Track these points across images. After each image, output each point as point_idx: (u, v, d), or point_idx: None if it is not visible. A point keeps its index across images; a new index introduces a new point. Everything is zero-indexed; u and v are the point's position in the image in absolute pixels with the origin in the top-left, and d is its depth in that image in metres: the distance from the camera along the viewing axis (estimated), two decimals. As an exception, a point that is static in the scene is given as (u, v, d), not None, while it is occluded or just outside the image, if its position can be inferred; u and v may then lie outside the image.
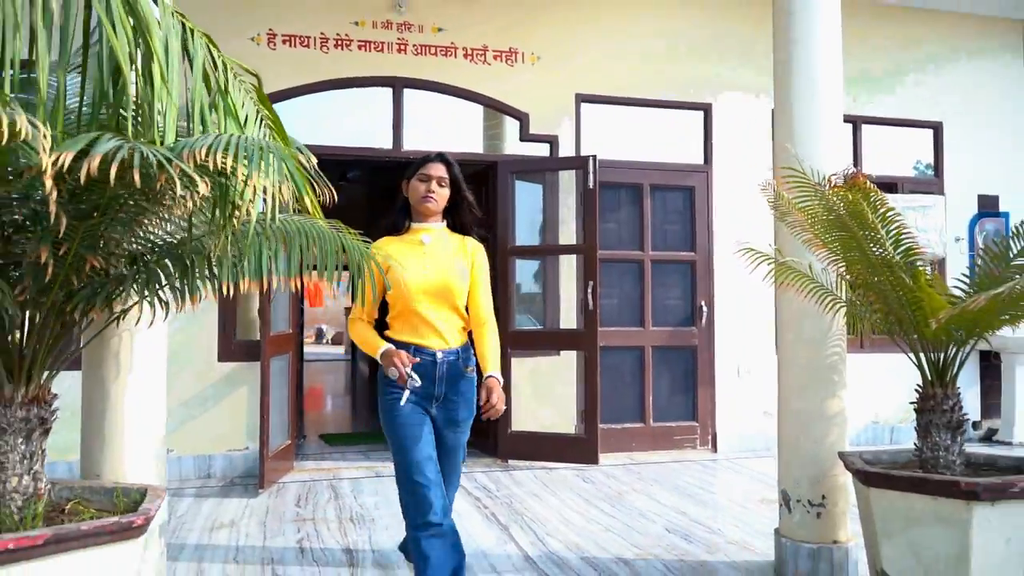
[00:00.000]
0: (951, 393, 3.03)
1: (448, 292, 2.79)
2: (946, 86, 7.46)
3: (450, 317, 2.81)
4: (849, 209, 2.83)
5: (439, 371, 2.76)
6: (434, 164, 2.88)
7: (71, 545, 2.15)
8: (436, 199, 2.86)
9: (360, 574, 3.62)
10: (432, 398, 2.77)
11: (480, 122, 6.50)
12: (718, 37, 6.82)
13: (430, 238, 2.87)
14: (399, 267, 2.72)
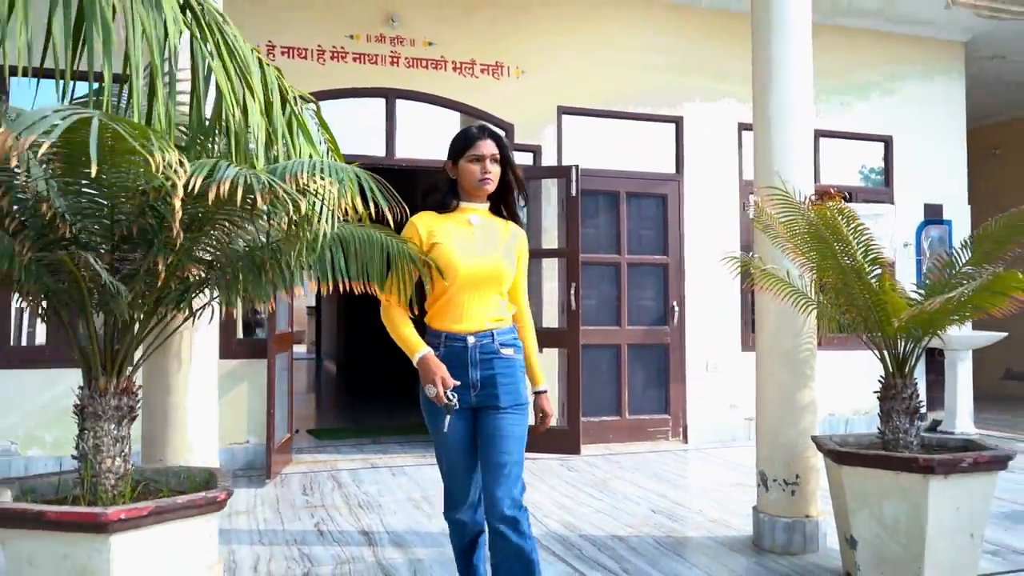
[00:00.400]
0: (909, 383, 3.50)
1: (499, 277, 2.61)
2: (896, 103, 8.05)
3: (494, 303, 2.63)
4: (826, 223, 3.27)
5: (471, 356, 2.57)
6: (484, 142, 2.62)
7: (168, 516, 2.46)
8: (493, 179, 2.63)
9: (380, 552, 3.96)
10: (469, 386, 2.56)
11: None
12: (688, 55, 7.28)
13: (479, 219, 2.66)
14: (446, 245, 2.57)
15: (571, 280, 6.35)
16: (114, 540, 2.34)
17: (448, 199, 2.68)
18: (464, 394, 2.54)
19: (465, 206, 2.69)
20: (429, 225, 2.64)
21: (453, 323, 2.60)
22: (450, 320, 2.60)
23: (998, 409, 9.36)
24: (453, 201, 2.68)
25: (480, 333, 2.59)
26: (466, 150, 2.63)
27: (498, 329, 2.62)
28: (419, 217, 2.67)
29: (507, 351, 2.62)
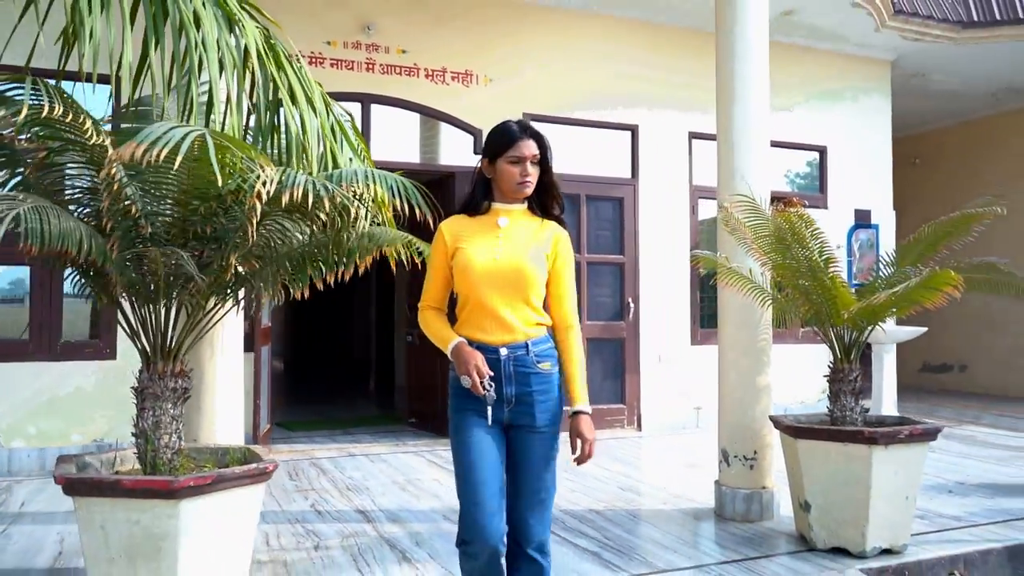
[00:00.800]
0: (855, 368, 4.01)
1: (520, 281, 2.40)
2: (831, 116, 8.71)
3: (522, 311, 2.42)
4: (790, 227, 3.75)
5: (505, 370, 2.38)
6: (525, 142, 2.44)
7: (228, 484, 2.77)
8: (532, 182, 2.46)
9: (380, 527, 4.28)
10: (503, 403, 2.39)
11: (440, 136, 7.19)
12: (644, 67, 7.76)
13: (507, 220, 2.48)
14: (467, 249, 2.43)
15: (537, 278, 6.75)
16: (182, 505, 2.64)
17: (479, 200, 2.51)
18: (497, 409, 2.37)
19: (497, 207, 2.51)
20: (456, 230, 2.50)
21: (482, 333, 2.41)
22: (478, 329, 2.42)
23: (916, 399, 10.18)
24: (485, 202, 2.51)
25: (513, 344, 2.39)
26: (506, 150, 2.44)
27: (534, 339, 2.42)
28: (447, 223, 2.53)
29: (544, 365, 2.43)
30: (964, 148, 11.74)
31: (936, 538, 4.11)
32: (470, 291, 2.43)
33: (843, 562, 3.71)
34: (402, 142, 6.92)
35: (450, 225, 2.53)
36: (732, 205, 4.15)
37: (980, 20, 8.46)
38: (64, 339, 5.85)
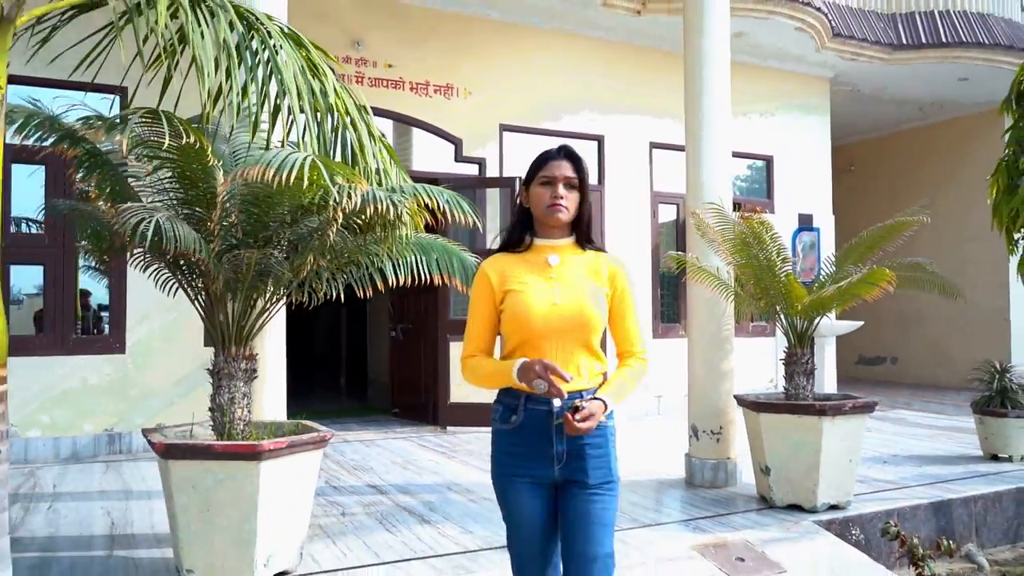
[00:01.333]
0: (806, 352, 4.69)
1: (583, 326, 2.18)
2: (777, 129, 9.50)
3: (579, 357, 2.21)
4: (752, 232, 4.40)
5: (556, 426, 2.16)
6: (557, 162, 2.24)
7: (297, 449, 3.28)
8: (566, 207, 2.22)
9: (393, 498, 4.80)
10: (551, 459, 2.17)
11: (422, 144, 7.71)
12: (609, 82, 8.41)
13: (558, 258, 2.24)
14: (521, 292, 2.19)
15: (515, 276, 7.32)
16: (263, 466, 3.15)
17: (519, 234, 2.29)
18: (545, 468, 2.17)
19: (541, 243, 2.27)
20: (502, 270, 2.24)
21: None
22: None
23: (853, 388, 11.05)
24: (526, 237, 2.28)
25: (568, 396, 2.12)
26: (537, 171, 2.25)
27: (589, 390, 2.19)
28: (489, 263, 2.28)
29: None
30: (896, 156, 12.72)
31: (874, 497, 4.82)
32: (523, 339, 2.18)
33: (798, 516, 4.38)
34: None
35: (493, 265, 2.26)
36: (703, 212, 4.80)
37: (908, 43, 9.35)
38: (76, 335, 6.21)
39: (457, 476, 5.41)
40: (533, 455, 2.18)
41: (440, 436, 7.06)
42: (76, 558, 3.63)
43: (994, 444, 5.94)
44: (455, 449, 6.41)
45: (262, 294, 3.30)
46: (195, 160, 2.86)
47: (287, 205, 2.99)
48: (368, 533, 4.05)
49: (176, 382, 6.43)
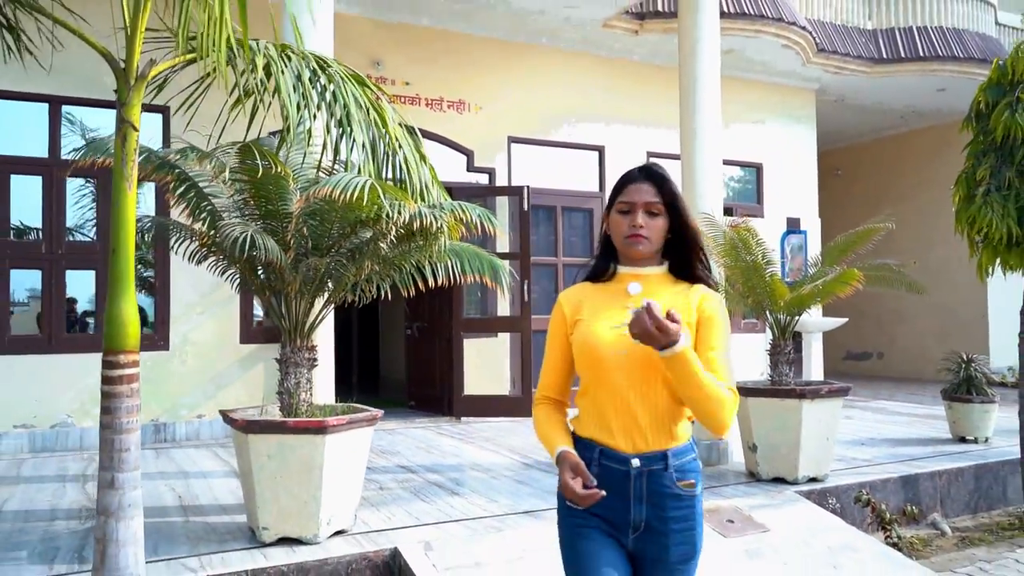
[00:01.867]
0: (788, 343, 5.30)
1: (656, 360, 1.84)
2: (766, 138, 10.12)
3: (660, 400, 1.90)
4: (740, 238, 5.01)
5: (635, 488, 1.88)
6: (637, 186, 1.98)
7: (354, 425, 3.86)
8: (648, 237, 1.96)
9: (422, 475, 5.39)
10: (628, 527, 1.90)
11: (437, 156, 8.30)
12: (609, 96, 9.02)
13: (639, 286, 1.99)
14: (589, 320, 1.96)
15: (523, 278, 7.93)
16: (327, 439, 3.74)
17: (601, 263, 2.07)
18: (621, 533, 1.91)
19: (625, 271, 2.03)
20: (576, 300, 2.04)
21: (606, 434, 1.91)
22: (601, 428, 1.92)
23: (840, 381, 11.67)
24: (608, 265, 2.06)
25: (649, 455, 1.88)
26: (616, 196, 2.01)
27: (674, 449, 1.91)
28: (566, 293, 2.09)
29: (686, 483, 1.92)
30: (879, 161, 13.37)
31: (850, 472, 5.42)
32: (592, 375, 1.94)
33: (781, 487, 4.99)
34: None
35: (569, 296, 2.06)
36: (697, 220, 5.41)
37: (889, 57, 9.98)
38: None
39: (476, 458, 6.01)
40: (608, 520, 1.89)
41: (456, 425, 7.66)
42: (159, 523, 4.20)
43: (961, 427, 6.56)
44: (471, 436, 7.01)
45: (322, 294, 3.89)
46: (273, 183, 3.45)
47: (347, 219, 3.58)
48: (406, 503, 4.64)
49: (214, 376, 7.01)
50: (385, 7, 7.77)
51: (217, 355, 7.03)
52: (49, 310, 6.55)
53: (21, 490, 5.04)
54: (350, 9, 7.65)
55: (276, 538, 3.77)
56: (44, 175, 6.57)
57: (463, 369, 7.99)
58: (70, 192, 6.72)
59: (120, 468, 2.81)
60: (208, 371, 6.99)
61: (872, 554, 4.29)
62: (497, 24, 8.26)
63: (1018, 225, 5.13)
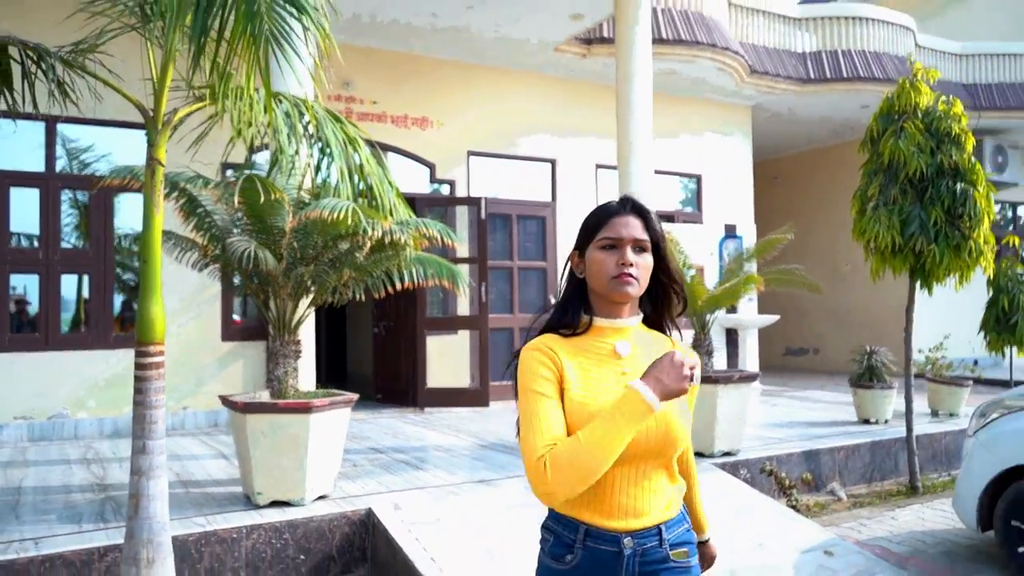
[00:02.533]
0: (707, 338, 6.13)
1: (669, 445, 1.68)
2: (705, 150, 11.02)
3: (658, 481, 1.71)
4: (663, 248, 5.84)
5: (627, 568, 1.67)
6: (624, 219, 1.73)
7: (334, 406, 4.60)
8: (638, 278, 1.70)
9: (390, 455, 6.12)
10: None
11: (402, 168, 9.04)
12: (560, 112, 9.83)
13: (628, 346, 1.73)
14: (587, 401, 1.65)
15: (481, 280, 8.70)
16: (312, 418, 4.47)
17: (573, 314, 1.76)
18: None
19: (603, 324, 1.75)
20: (558, 356, 1.70)
21: (599, 515, 1.68)
22: (594, 509, 1.68)
23: (780, 376, 12.66)
24: (582, 317, 1.76)
25: (642, 533, 1.69)
26: (596, 231, 1.75)
27: (668, 522, 1.73)
28: (540, 344, 1.74)
29: (680, 554, 1.73)
30: (815, 169, 14.39)
31: (762, 448, 6.28)
32: None
33: (699, 460, 5.81)
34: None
35: (547, 349, 1.72)
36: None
37: (816, 78, 10.94)
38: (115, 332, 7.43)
39: (438, 441, 6.77)
40: None
41: (420, 415, 8.40)
42: (164, 493, 4.88)
43: (865, 411, 7.48)
44: (434, 424, 7.76)
45: (307, 296, 4.62)
46: (269, 206, 4.17)
47: (329, 234, 4.32)
48: (377, 476, 5.38)
49: (197, 370, 7.66)
50: (355, 33, 8.47)
51: (200, 352, 7.68)
52: (46, 311, 7.15)
53: (33, 471, 5.67)
54: (322, 34, 8.33)
55: (269, 501, 4.49)
56: (41, 188, 7.17)
57: (426, 364, 8.73)
58: (64, 203, 7.33)
59: (150, 436, 3.51)
60: (192, 366, 7.63)
61: (770, 512, 5.13)
62: (458, 48, 9.01)
63: (900, 235, 6.04)
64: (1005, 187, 13.81)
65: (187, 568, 3.99)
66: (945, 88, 12.37)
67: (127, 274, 7.74)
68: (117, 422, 7.31)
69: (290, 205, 4.20)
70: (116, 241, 7.55)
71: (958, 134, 6.04)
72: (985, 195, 6.06)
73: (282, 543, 4.24)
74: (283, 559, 4.24)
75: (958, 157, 6.00)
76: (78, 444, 6.81)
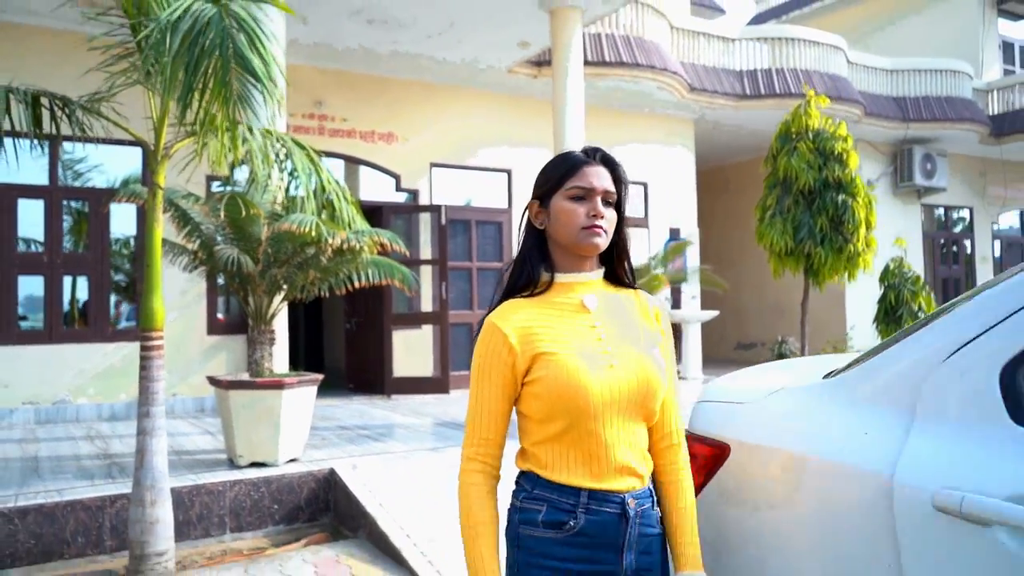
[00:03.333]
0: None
1: (649, 396, 1.57)
2: (651, 159, 12.03)
3: (642, 436, 1.60)
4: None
5: (631, 532, 1.55)
6: (595, 168, 1.61)
7: (302, 384, 5.55)
8: (607, 230, 1.60)
9: (355, 431, 7.07)
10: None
11: (371, 179, 9.99)
12: (514, 126, 10.81)
13: (594, 300, 1.62)
14: (562, 355, 1.53)
15: (442, 280, 9.66)
16: (284, 394, 5.41)
17: (534, 267, 1.63)
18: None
19: (566, 279, 1.63)
20: (524, 326, 1.57)
21: (592, 477, 1.55)
22: (588, 471, 1.55)
23: (729, 368, 13.68)
24: (543, 274, 1.63)
25: (640, 493, 1.58)
26: (564, 180, 1.61)
27: (651, 485, 1.64)
28: (500, 316, 1.60)
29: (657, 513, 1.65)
30: (756, 177, 15.38)
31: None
32: (569, 423, 1.53)
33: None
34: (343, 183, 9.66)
35: (508, 319, 1.59)
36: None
37: (751, 94, 11.99)
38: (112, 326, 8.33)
39: (400, 421, 7.73)
40: (590, 572, 1.54)
41: (387, 401, 9.35)
42: (160, 459, 5.80)
43: (776, 393, 8.49)
44: (398, 408, 8.72)
45: (279, 293, 5.57)
46: (248, 220, 5.12)
47: (297, 242, 5.26)
48: (341, 447, 6.33)
49: (186, 361, 8.57)
50: (326, 57, 9.41)
51: (188, 344, 8.59)
52: (50, 308, 8.04)
53: (45, 445, 6.57)
54: (297, 60, 9.24)
55: (248, 463, 5.43)
56: (45, 199, 8.06)
57: (393, 356, 9.68)
58: (65, 213, 8.23)
59: (153, 404, 4.44)
60: (181, 357, 8.53)
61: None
62: (421, 70, 9.97)
63: (793, 240, 7.06)
64: (934, 192, 14.98)
65: (181, 513, 4.92)
66: (875, 101, 13.53)
67: (119, 275, 8.65)
68: (114, 407, 8.21)
69: (265, 218, 5.15)
70: (113, 246, 8.45)
71: (840, 152, 7.07)
72: (864, 204, 7.09)
73: (259, 495, 5.19)
74: (260, 508, 5.19)
75: (840, 172, 7.02)
76: (80, 425, 7.71)
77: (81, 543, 4.69)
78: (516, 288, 1.64)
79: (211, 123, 4.36)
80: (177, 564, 4.48)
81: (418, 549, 4.46)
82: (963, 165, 15.72)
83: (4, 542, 4.49)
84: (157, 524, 4.32)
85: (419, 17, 8.28)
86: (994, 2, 16.55)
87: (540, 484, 1.57)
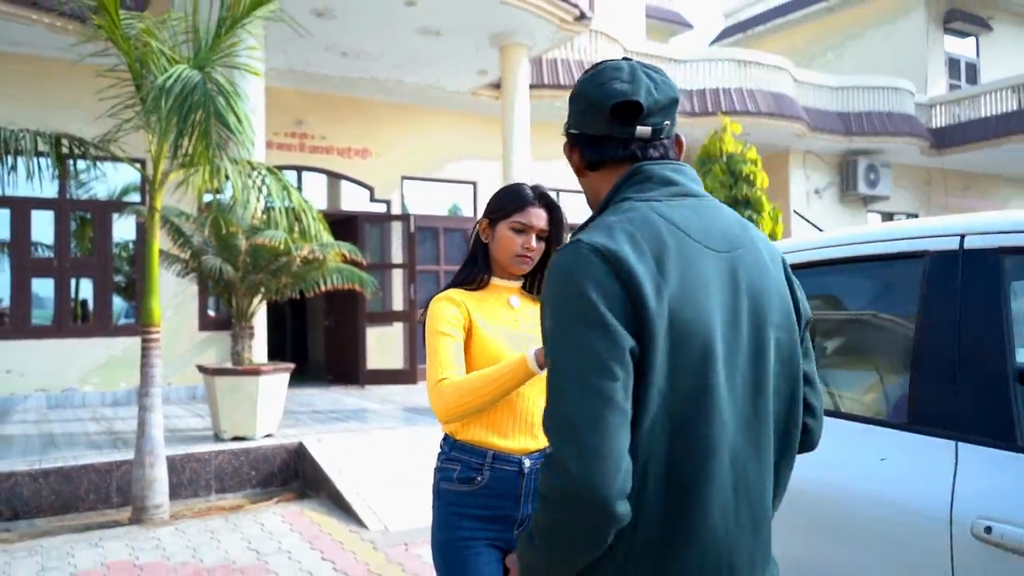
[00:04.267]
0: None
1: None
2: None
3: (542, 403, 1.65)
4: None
5: (526, 486, 1.95)
6: (536, 210, 2.04)
7: (276, 372, 6.62)
8: (534, 260, 2.05)
9: (326, 414, 8.13)
10: (515, 523, 1.96)
11: (347, 191, 11.05)
12: (478, 143, 11.88)
13: (518, 300, 2.09)
14: (490, 335, 1.97)
15: (411, 282, 10.73)
16: (261, 379, 6.49)
17: (479, 271, 2.08)
18: (507, 531, 1.96)
19: (499, 283, 2.10)
20: (465, 303, 2.02)
21: (499, 436, 1.95)
22: (494, 431, 1.96)
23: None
24: (483, 276, 2.08)
25: (537, 453, 1.98)
26: (511, 213, 2.03)
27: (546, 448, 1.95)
28: (448, 295, 2.04)
29: None
30: (717, 186, 16.53)
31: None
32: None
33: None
34: (323, 196, 10.73)
35: (455, 297, 2.03)
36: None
37: (701, 112, 13.05)
38: (115, 322, 9.39)
39: (369, 407, 8.80)
40: (496, 518, 1.93)
41: (361, 391, 10.43)
42: (157, 435, 6.86)
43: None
44: (370, 396, 9.79)
45: (258, 295, 6.64)
46: (230, 236, 6.19)
47: (271, 253, 6.33)
48: (312, 426, 7.39)
49: (180, 353, 9.62)
50: (306, 81, 10.47)
51: (181, 338, 9.64)
52: (59, 306, 9.09)
53: (58, 425, 7.64)
54: (280, 83, 10.32)
55: (231, 437, 6.50)
56: (55, 210, 9.12)
57: (366, 350, 10.75)
58: (72, 222, 9.28)
59: (152, 385, 5.51)
60: (175, 350, 9.58)
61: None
62: (392, 93, 11.04)
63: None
64: (878, 200, 16.08)
65: (174, 477, 5.99)
66: (822, 116, 14.63)
67: (118, 277, 9.71)
68: (116, 394, 9.26)
69: (244, 233, 6.22)
70: (115, 251, 9.51)
71: (748, 174, 8.15)
72: (772, 219, 8.17)
73: (239, 463, 6.26)
74: (240, 474, 6.26)
75: (748, 191, 8.10)
76: (87, 410, 8.77)
77: (93, 499, 5.76)
78: (463, 282, 2.09)
79: (198, 159, 5.44)
80: (170, 516, 5.55)
81: (366, 503, 5.53)
82: (908, 175, 16.80)
83: (31, 497, 5.56)
84: (155, 483, 5.39)
85: (386, 51, 9.35)
86: (940, 22, 17.65)
87: (456, 447, 1.99)
